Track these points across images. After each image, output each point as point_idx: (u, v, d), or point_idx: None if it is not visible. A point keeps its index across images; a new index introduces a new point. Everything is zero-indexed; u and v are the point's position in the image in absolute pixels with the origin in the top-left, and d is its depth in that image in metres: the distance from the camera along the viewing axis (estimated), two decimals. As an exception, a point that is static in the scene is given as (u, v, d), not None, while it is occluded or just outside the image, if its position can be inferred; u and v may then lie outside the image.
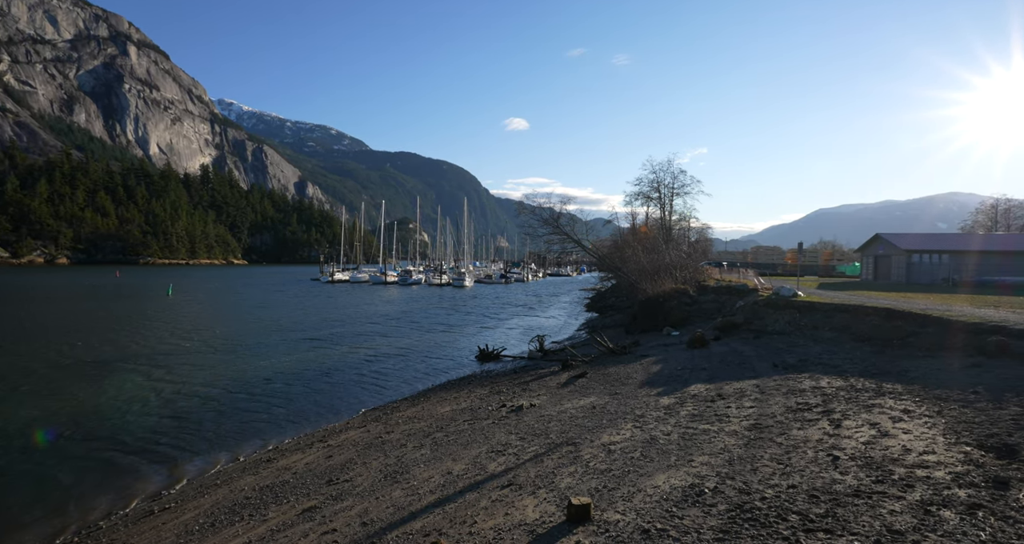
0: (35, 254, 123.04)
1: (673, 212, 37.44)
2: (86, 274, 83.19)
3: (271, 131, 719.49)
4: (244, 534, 5.89)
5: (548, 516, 4.79)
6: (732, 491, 4.83)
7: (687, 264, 29.61)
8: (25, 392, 13.96)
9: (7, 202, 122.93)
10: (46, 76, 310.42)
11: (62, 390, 14.24)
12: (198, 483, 8.55)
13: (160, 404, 13.09)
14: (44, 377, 15.58)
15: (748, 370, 11.24)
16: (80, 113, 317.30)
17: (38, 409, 12.46)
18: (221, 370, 17.12)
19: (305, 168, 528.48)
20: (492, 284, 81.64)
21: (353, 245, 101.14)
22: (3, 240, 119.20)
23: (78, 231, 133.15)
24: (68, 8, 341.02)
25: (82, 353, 19.34)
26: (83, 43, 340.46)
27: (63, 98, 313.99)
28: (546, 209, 32.59)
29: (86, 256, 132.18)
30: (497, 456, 7.12)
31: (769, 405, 8.05)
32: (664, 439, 6.81)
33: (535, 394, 11.74)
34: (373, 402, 13.74)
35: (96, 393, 13.94)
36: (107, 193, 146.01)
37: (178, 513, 7.13)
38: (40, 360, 17.89)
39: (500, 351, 19.79)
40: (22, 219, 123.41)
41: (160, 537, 6.32)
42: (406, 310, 39.19)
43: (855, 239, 72.41)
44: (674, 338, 18.30)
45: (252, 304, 41.89)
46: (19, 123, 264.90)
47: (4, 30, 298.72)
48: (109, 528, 7.04)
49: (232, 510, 6.79)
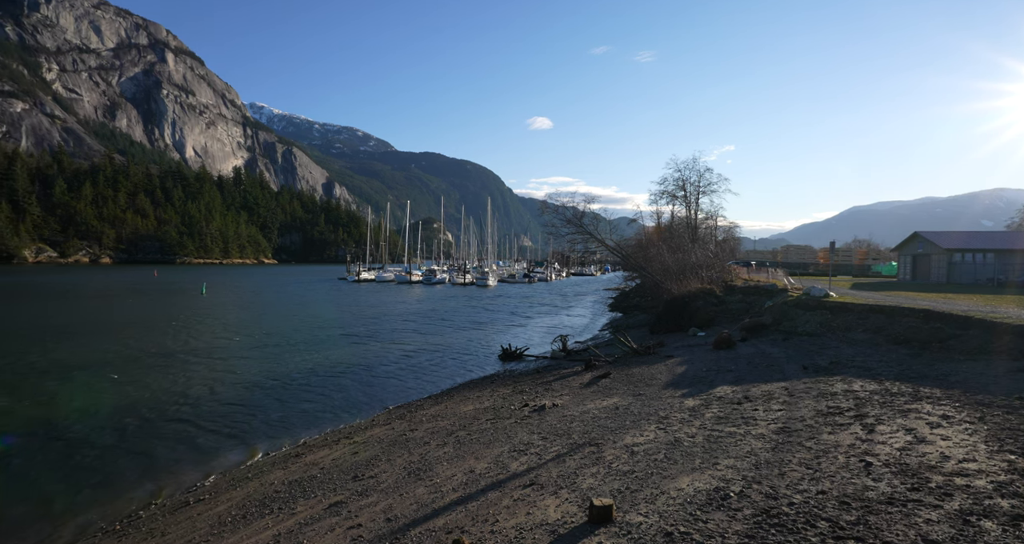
0: (81, 254, 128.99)
1: (699, 211, 36.76)
2: (127, 273, 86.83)
3: (300, 133, 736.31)
4: (274, 527, 6.07)
5: (570, 516, 4.79)
6: (758, 496, 4.74)
7: (713, 263, 29.03)
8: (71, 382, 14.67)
9: (55, 204, 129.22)
10: (91, 84, 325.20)
11: (110, 382, 14.92)
12: (230, 476, 8.84)
13: (196, 399, 13.56)
14: (97, 369, 16.35)
15: (776, 372, 10.97)
16: (122, 118, 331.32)
17: (86, 399, 13.09)
18: (252, 366, 17.64)
19: (332, 169, 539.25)
20: (515, 283, 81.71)
21: (379, 245, 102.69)
22: (52, 240, 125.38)
23: (120, 232, 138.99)
24: (111, 18, 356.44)
25: (132, 348, 20.19)
26: (125, 51, 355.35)
27: (106, 104, 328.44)
28: (569, 208, 32.42)
29: (127, 256, 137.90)
30: (519, 455, 7.14)
31: (798, 408, 7.85)
32: (688, 441, 6.72)
33: (558, 394, 11.72)
34: (397, 400, 13.94)
35: (140, 386, 14.54)
36: (146, 195, 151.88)
37: (212, 505, 7.39)
38: (98, 353, 18.79)
39: (523, 351, 19.80)
40: (69, 220, 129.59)
41: (195, 528, 6.57)
42: (430, 309, 39.60)
43: (892, 238, 69.72)
44: (700, 339, 17.98)
45: (282, 303, 42.98)
46: (66, 129, 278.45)
47: (53, 41, 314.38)
48: (148, 517, 7.35)
49: (262, 503, 6.99)
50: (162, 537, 6.45)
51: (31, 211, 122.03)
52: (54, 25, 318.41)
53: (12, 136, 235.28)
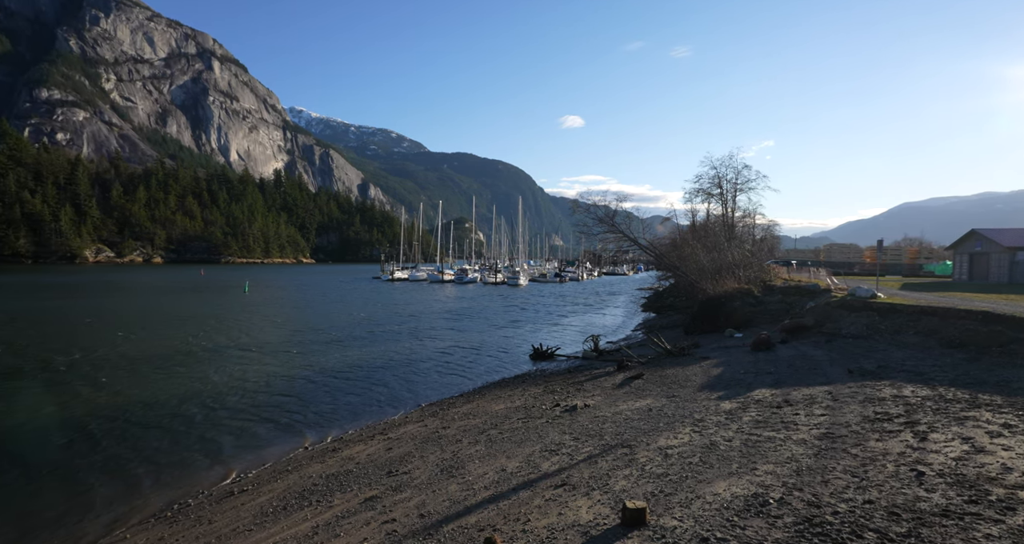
0: (135, 254, 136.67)
1: (736, 209, 35.62)
2: (177, 272, 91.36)
3: (336, 136, 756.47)
4: (312, 519, 6.26)
5: (602, 518, 4.74)
6: (800, 503, 4.57)
7: (751, 263, 28.14)
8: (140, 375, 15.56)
9: (112, 207, 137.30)
10: (144, 92, 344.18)
11: (155, 377, 15.74)
12: (272, 468, 9.17)
13: (246, 392, 14.14)
14: (152, 363, 17.30)
15: (819, 375, 10.54)
16: (172, 125, 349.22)
17: (146, 391, 13.86)
18: (296, 361, 18.25)
19: (367, 170, 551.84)
20: (546, 283, 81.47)
21: (412, 244, 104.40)
22: (110, 241, 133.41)
23: (170, 233, 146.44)
24: (163, 29, 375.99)
25: (189, 343, 21.25)
26: (175, 60, 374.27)
27: (158, 111, 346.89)
28: (601, 207, 32.03)
29: (176, 255, 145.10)
30: (551, 455, 7.12)
31: (843, 413, 7.52)
32: (725, 445, 6.54)
33: (589, 394, 11.62)
34: (430, 397, 14.14)
35: (198, 378, 15.29)
36: (194, 198, 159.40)
37: (255, 495, 7.69)
38: (157, 346, 19.90)
39: (554, 350, 19.73)
40: (125, 222, 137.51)
41: (239, 517, 6.84)
42: (462, 308, 39.96)
43: (946, 235, 65.75)
44: (736, 340, 17.48)
45: (321, 301, 44.27)
46: (123, 136, 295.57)
47: (111, 52, 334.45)
48: (197, 505, 7.71)
49: (301, 495, 7.22)
50: (209, 525, 6.76)
51: (91, 214, 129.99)
52: (112, 37, 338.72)
53: (75, 143, 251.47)
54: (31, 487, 8.39)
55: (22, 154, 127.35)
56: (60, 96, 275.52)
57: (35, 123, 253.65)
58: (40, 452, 9.84)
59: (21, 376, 15.68)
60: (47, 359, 17.81)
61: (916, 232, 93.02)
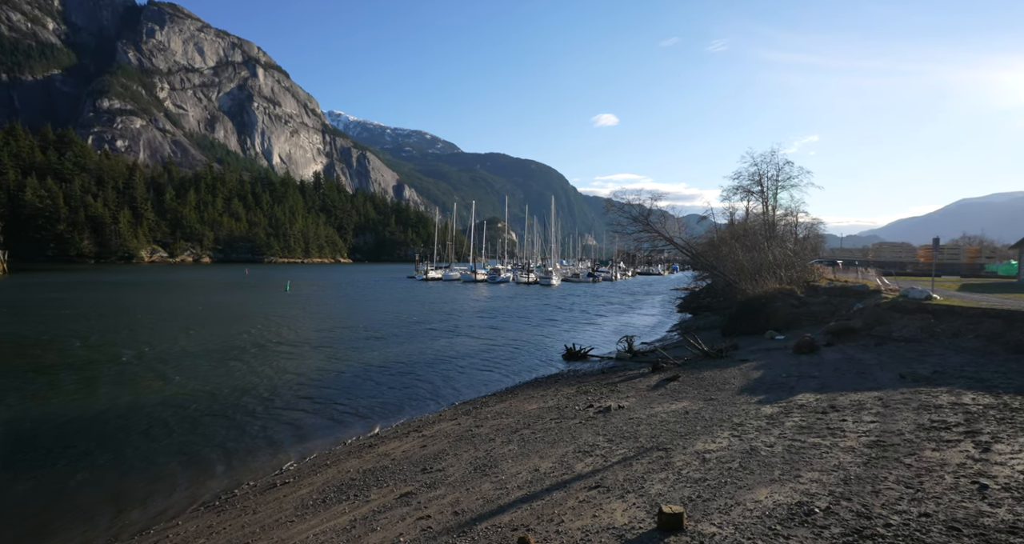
0: (186, 254, 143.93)
1: (778, 206, 34.28)
2: (224, 271, 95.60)
3: (373, 138, 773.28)
4: (350, 512, 6.42)
5: (637, 522, 4.66)
6: (848, 514, 4.36)
7: (793, 262, 27.07)
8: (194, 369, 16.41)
9: (166, 209, 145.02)
10: (195, 100, 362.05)
11: (193, 372, 16.53)
12: (311, 462, 9.46)
13: (284, 387, 14.68)
14: (211, 357, 18.20)
15: (868, 380, 10.04)
16: (220, 130, 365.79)
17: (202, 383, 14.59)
18: (333, 358, 18.80)
19: (402, 172, 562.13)
20: (579, 283, 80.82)
21: (445, 244, 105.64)
22: (163, 242, 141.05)
23: (217, 234, 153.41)
24: (212, 39, 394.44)
25: (241, 338, 22.26)
26: (222, 68, 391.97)
27: (207, 118, 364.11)
28: (635, 206, 31.53)
29: (223, 256, 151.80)
30: (584, 456, 7.05)
31: (895, 421, 7.13)
32: (766, 451, 6.32)
33: (623, 396, 11.45)
34: (463, 396, 14.27)
35: (251, 372, 15.99)
36: (239, 200, 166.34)
37: (296, 488, 7.95)
38: (213, 341, 20.95)
39: (587, 351, 19.55)
40: (176, 224, 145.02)
41: (282, 507, 7.10)
42: (494, 308, 40.15)
43: (1010, 233, 61.40)
44: (778, 342, 16.85)
45: (358, 300, 45.39)
46: (175, 141, 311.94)
47: (165, 62, 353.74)
48: (242, 495, 8.04)
49: (340, 489, 7.42)
50: (254, 514, 7.03)
51: (147, 216, 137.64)
52: (166, 48, 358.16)
53: (132, 149, 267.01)
54: (97, 473, 8.96)
55: (86, 161, 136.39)
56: (120, 105, 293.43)
57: (97, 131, 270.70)
58: (109, 439, 10.49)
59: (96, 367, 16.91)
60: (116, 353, 19.05)
61: (976, 230, 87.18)
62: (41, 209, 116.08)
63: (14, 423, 11.36)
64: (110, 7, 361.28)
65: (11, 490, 8.26)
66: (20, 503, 7.86)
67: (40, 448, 10.03)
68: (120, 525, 7.29)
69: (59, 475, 8.82)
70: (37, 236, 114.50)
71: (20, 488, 8.34)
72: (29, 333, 23.08)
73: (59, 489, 8.31)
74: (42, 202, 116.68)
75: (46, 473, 8.89)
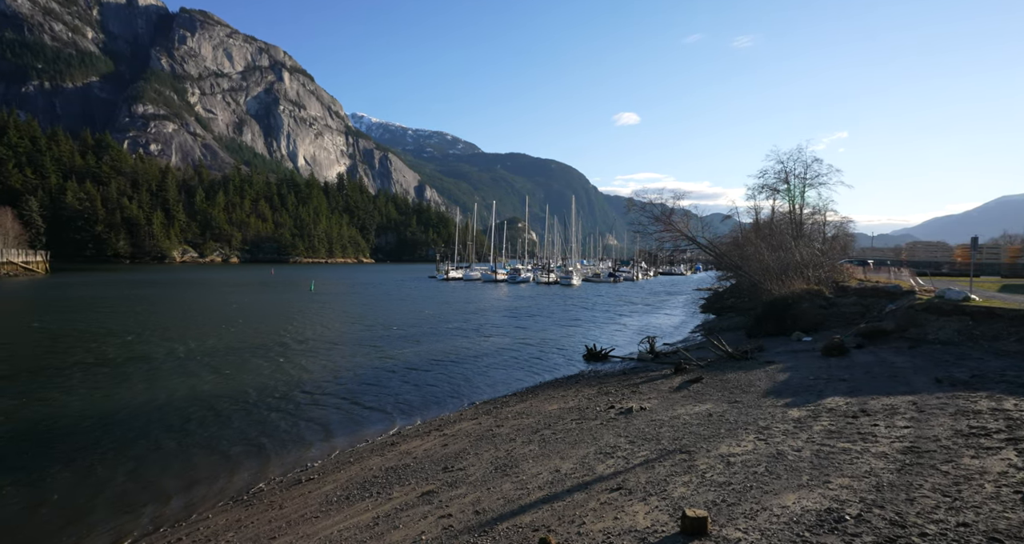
0: (215, 254, 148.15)
1: (805, 205, 33.39)
2: (251, 271, 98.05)
3: (395, 140, 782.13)
4: (373, 509, 6.50)
5: (660, 525, 4.61)
6: (881, 522, 4.22)
7: (821, 262, 26.35)
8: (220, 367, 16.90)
9: (196, 211, 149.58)
10: (224, 104, 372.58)
11: (229, 369, 16.98)
12: (335, 459, 9.62)
13: (309, 383, 14.99)
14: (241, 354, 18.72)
15: (901, 384, 9.71)
16: (247, 133, 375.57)
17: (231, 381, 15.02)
18: (355, 356, 19.10)
19: (424, 172, 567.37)
20: (600, 283, 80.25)
21: (466, 244, 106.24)
22: (193, 242, 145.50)
23: (244, 234, 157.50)
24: (240, 45, 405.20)
25: (269, 336, 22.86)
26: (250, 73, 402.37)
27: (235, 121, 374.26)
28: (657, 205, 31.14)
29: (250, 256, 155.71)
30: (605, 458, 7.00)
31: (930, 426, 6.88)
32: (793, 455, 6.16)
33: (645, 397, 11.33)
34: (483, 395, 14.31)
35: (269, 370, 16.39)
36: (266, 201, 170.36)
37: (320, 484, 8.10)
38: (244, 339, 21.57)
39: (608, 351, 19.40)
40: (206, 225, 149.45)
41: (307, 504, 7.24)
42: (514, 308, 40.17)
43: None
44: (805, 344, 16.42)
45: (381, 299, 45.99)
46: (205, 145, 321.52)
47: (196, 68, 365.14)
48: (269, 491, 8.23)
49: (363, 486, 7.53)
50: (280, 510, 7.19)
51: (178, 217, 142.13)
52: (197, 54, 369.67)
53: (165, 153, 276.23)
54: (137, 465, 9.29)
55: (122, 164, 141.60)
56: (153, 110, 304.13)
57: (132, 136, 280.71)
58: (148, 433, 10.87)
59: (152, 360, 17.87)
60: (149, 351, 19.75)
61: (1018, 228, 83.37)
62: (80, 211, 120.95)
63: (57, 417, 11.86)
64: (144, 15, 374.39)
65: (55, 478, 8.64)
66: (62, 491, 8.20)
67: (89, 437, 10.51)
68: (157, 516, 7.54)
69: (105, 464, 9.21)
70: (77, 237, 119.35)
71: (63, 477, 8.73)
72: (82, 327, 24.07)
73: (103, 479, 8.66)
74: (81, 204, 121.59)
75: (92, 461, 9.30)
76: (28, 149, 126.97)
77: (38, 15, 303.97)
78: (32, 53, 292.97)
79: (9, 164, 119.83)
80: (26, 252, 70.38)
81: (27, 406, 12.51)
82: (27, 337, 22.27)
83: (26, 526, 7.21)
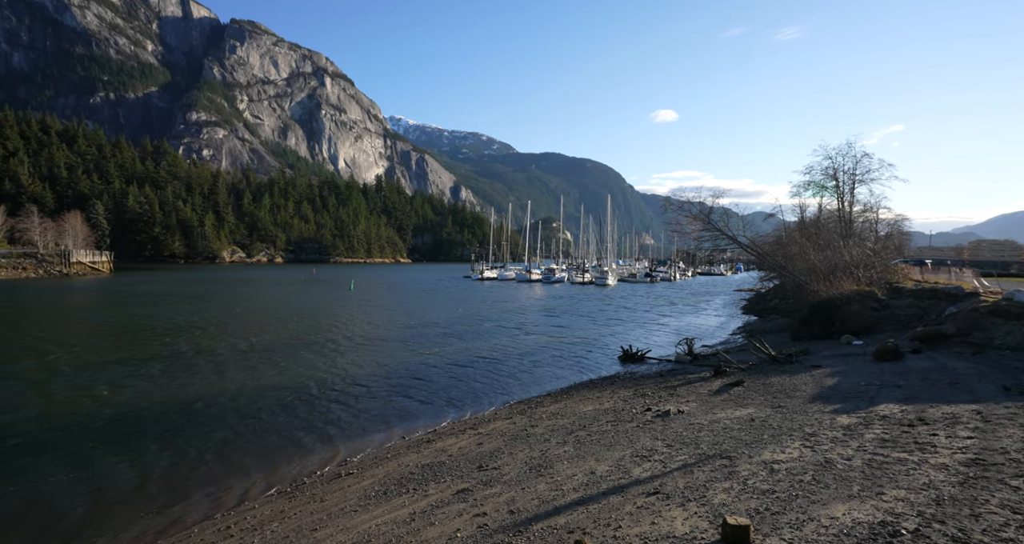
0: (261, 254, 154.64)
1: (855, 202, 31.70)
2: (295, 271, 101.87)
3: (431, 141, 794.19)
4: (409, 505, 6.61)
5: (699, 532, 4.48)
6: (942, 538, 3.96)
7: (873, 262, 25.01)
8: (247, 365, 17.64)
9: (244, 213, 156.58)
10: (270, 110, 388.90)
11: (275, 366, 17.66)
12: (373, 455, 9.85)
13: (352, 380, 15.44)
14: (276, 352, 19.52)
15: (963, 392, 9.09)
16: (291, 137, 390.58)
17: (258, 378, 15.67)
18: (395, 354, 19.52)
19: (459, 173, 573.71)
20: (636, 283, 78.87)
21: (500, 244, 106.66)
22: (241, 243, 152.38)
23: (288, 235, 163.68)
24: (285, 52, 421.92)
25: (313, 333, 23.75)
26: (294, 79, 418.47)
27: (280, 126, 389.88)
28: (695, 204, 30.25)
29: (293, 256, 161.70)
30: (642, 461, 6.87)
31: (997, 438, 6.41)
32: (843, 464, 5.87)
33: (683, 400, 11.05)
34: (518, 395, 14.32)
35: (310, 367, 16.99)
36: (308, 203, 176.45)
37: (359, 479, 8.31)
38: (288, 336, 22.53)
39: (644, 353, 19.04)
40: (253, 226, 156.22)
41: (347, 497, 7.44)
42: (549, 308, 40.03)
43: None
44: (855, 348, 15.63)
45: (418, 298, 46.82)
46: (252, 150, 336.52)
47: (244, 76, 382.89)
48: (311, 484, 8.52)
49: (399, 483, 7.67)
50: (321, 502, 7.42)
51: (228, 219, 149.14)
52: (245, 63, 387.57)
53: (216, 158, 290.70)
54: (193, 456, 9.82)
55: (177, 169, 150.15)
56: (206, 117, 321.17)
57: (187, 142, 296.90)
58: (205, 425, 11.48)
59: (217, 354, 19.05)
60: (234, 343, 21.05)
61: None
62: (141, 214, 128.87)
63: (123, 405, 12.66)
64: (198, 27, 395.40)
65: (155, 457, 9.55)
66: (126, 478, 8.75)
67: (175, 422, 11.49)
68: (212, 504, 7.96)
69: (170, 453, 9.83)
70: (137, 238, 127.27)
71: (163, 456, 9.62)
72: (153, 323, 25.67)
73: (166, 468, 9.21)
74: (141, 208, 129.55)
75: (181, 445, 10.17)
76: (95, 156, 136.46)
77: (104, 31, 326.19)
78: (99, 66, 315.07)
79: (78, 170, 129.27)
80: (93, 253, 75.46)
81: (120, 392, 13.72)
82: (108, 330, 24.11)
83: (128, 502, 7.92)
